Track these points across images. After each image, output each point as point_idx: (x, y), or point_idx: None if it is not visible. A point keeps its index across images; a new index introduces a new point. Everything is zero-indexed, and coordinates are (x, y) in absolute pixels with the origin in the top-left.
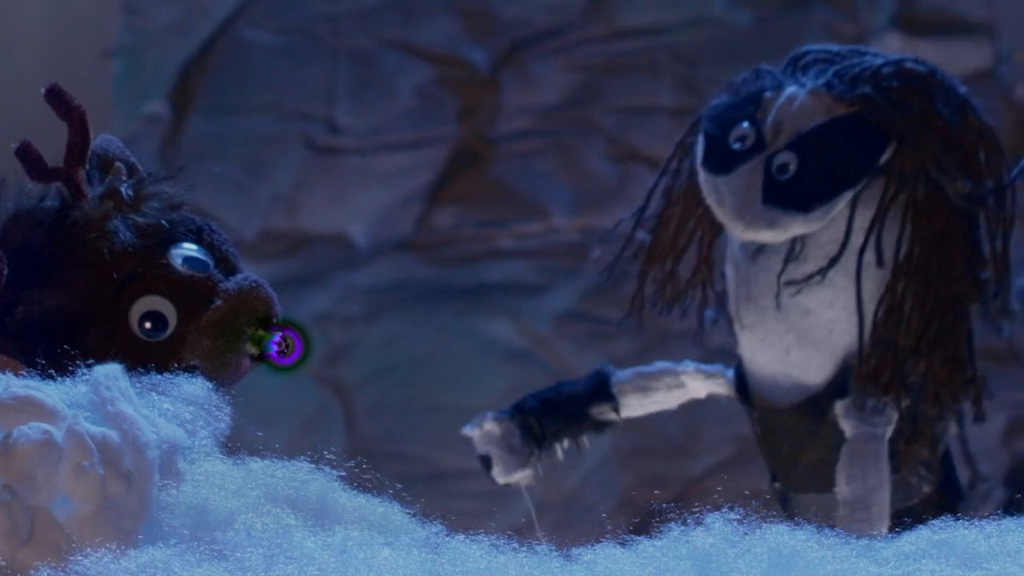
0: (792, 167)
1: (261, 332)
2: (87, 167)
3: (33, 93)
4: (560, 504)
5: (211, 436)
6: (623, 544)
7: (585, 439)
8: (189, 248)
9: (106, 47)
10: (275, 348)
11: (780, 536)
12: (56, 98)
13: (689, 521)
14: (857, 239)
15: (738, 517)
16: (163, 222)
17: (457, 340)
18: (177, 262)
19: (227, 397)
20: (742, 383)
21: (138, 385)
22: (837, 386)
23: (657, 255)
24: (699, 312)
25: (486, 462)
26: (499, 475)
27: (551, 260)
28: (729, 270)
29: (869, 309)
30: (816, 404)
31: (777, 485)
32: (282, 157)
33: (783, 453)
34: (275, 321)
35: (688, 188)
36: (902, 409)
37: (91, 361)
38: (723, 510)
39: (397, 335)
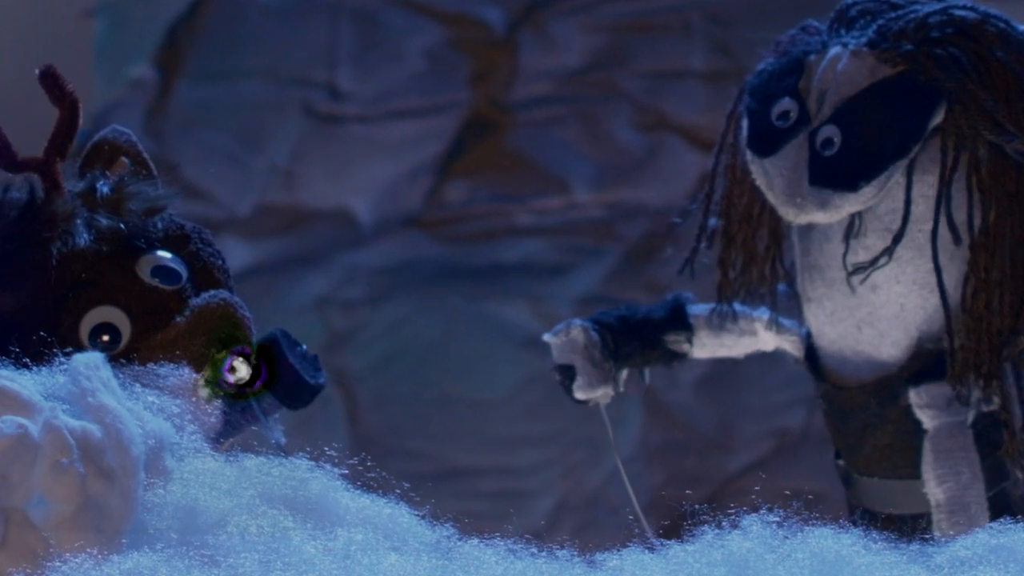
0: (836, 141)
1: (223, 356)
2: (90, 159)
3: (7, 56)
4: (583, 504)
5: (201, 431)
6: (652, 549)
7: (648, 372)
8: (161, 257)
9: (86, 5)
10: (227, 374)
11: (824, 540)
12: (50, 82)
13: (724, 523)
14: (919, 208)
15: (778, 519)
16: (121, 226)
17: (470, 325)
18: (145, 271)
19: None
20: (811, 351)
21: (121, 376)
22: (913, 370)
23: (735, 239)
24: (771, 289)
25: (566, 373)
26: (581, 388)
27: (573, 238)
28: (795, 238)
29: (947, 284)
30: (888, 386)
31: (841, 463)
32: (279, 126)
33: (849, 432)
34: (245, 344)
35: (744, 164)
36: (1003, 394)
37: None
38: (761, 511)
39: (404, 320)
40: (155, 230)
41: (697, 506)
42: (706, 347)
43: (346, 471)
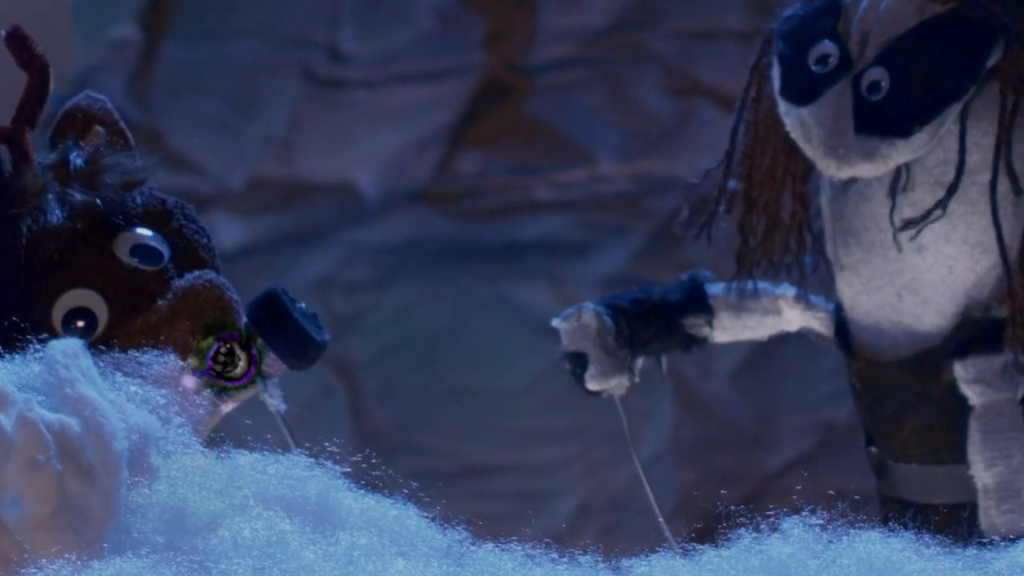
0: (884, 84)
1: (209, 343)
2: (61, 129)
3: None
4: (608, 505)
5: (190, 425)
6: (683, 553)
7: (665, 360)
8: (141, 235)
9: None
10: (211, 363)
11: (872, 545)
12: (17, 44)
13: (763, 526)
14: (973, 158)
15: (821, 521)
16: (97, 201)
17: (484, 310)
18: (123, 251)
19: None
20: (842, 327)
21: (102, 364)
22: (958, 341)
23: (756, 203)
24: (798, 259)
25: (578, 361)
26: (594, 379)
27: (597, 214)
28: (823, 203)
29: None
30: (930, 360)
31: (873, 450)
32: (275, 91)
33: (884, 414)
34: (232, 329)
35: (771, 119)
36: None
37: None
38: (804, 513)
39: (412, 304)
40: (134, 205)
41: (733, 507)
42: (727, 330)
43: (349, 469)
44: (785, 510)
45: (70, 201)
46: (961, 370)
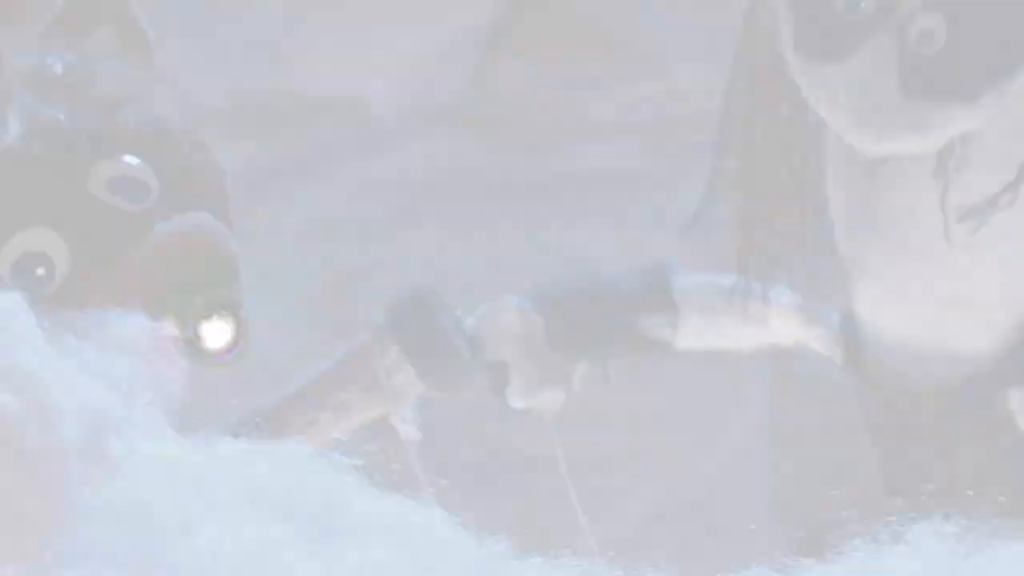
0: (939, 35)
1: (189, 305)
2: (58, 23)
3: None
4: (687, 509)
5: (159, 403)
6: (781, 571)
7: (613, 368)
8: (124, 163)
9: None
10: (189, 330)
11: (1022, 561)
12: None
13: (883, 536)
14: None
15: (957, 529)
16: (61, 117)
17: (529, 259)
18: (99, 183)
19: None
20: (854, 347)
21: (49, 325)
22: (1015, 362)
23: (756, 183)
24: (803, 258)
25: (498, 373)
26: (517, 394)
27: (673, 139)
28: (833, 188)
29: None
30: (979, 388)
31: (899, 502)
32: None
33: (916, 458)
34: (225, 290)
35: (770, 77)
36: None
37: None
38: (934, 519)
39: (439, 252)
40: (123, 126)
41: (845, 512)
42: (696, 335)
43: (360, 461)
44: (911, 515)
45: (36, 116)
46: (1019, 400)
